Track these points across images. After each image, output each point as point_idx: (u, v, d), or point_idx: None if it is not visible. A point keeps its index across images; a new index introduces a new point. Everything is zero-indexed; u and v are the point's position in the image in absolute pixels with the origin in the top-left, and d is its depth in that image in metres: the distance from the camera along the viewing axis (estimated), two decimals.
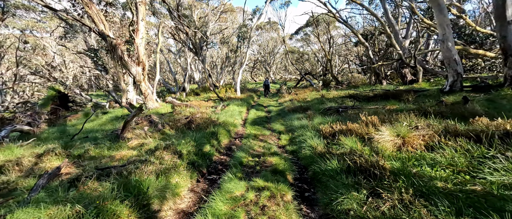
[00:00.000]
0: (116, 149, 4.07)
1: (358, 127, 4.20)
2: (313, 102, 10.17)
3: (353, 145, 3.69)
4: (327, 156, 3.52)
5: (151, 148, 3.84)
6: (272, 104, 13.00)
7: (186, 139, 4.48)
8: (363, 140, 3.91)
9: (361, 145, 3.67)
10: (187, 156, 3.70)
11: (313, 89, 15.78)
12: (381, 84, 13.87)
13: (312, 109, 8.57)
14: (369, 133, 4.01)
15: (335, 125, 4.82)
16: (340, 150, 3.70)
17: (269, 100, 15.81)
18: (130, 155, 3.63)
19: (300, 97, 12.56)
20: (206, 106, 10.34)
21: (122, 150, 3.97)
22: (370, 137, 3.79)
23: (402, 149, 3.25)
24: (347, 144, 3.75)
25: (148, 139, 4.48)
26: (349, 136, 4.09)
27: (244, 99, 13.40)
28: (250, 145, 5.12)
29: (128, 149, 4.04)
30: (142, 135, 4.83)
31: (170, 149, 3.61)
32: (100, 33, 7.16)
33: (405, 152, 3.12)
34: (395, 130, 3.57)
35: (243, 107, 10.89)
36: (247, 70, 52.76)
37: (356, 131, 4.16)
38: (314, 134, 4.98)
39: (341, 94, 10.99)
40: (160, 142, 4.30)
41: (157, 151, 3.59)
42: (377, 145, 3.47)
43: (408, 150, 3.16)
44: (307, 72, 23.69)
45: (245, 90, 19.46)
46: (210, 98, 14.65)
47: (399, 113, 5.56)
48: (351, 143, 3.74)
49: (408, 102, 7.89)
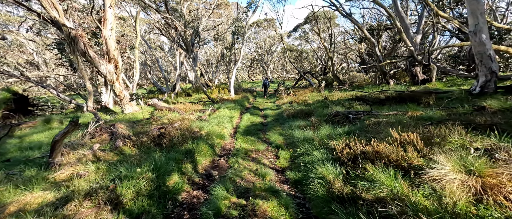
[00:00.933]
0: (33, 184, 2.71)
1: (391, 150, 2.89)
2: (316, 106, 8.87)
3: (390, 183, 2.38)
4: (352, 202, 2.22)
5: (81, 188, 2.48)
6: (269, 107, 11.67)
7: (145, 165, 3.13)
8: (403, 171, 2.60)
9: (404, 183, 2.36)
10: (132, 202, 2.35)
11: (313, 90, 14.50)
12: (388, 84, 12.62)
13: (315, 114, 7.26)
14: (410, 161, 2.71)
15: (352, 141, 3.52)
16: (371, 190, 2.39)
17: (266, 101, 14.49)
18: (40, 201, 2.28)
19: (300, 99, 11.24)
20: (193, 111, 8.96)
21: (38, 187, 2.61)
22: (415, 170, 2.48)
23: (483, 197, 1.94)
24: (381, 180, 2.44)
25: (89, 166, 3.11)
26: (379, 163, 2.78)
27: (238, 101, 12.05)
28: (238, 169, 3.79)
29: (50, 184, 2.68)
30: (88, 157, 3.47)
31: (101, 194, 2.26)
32: (53, 21, 5.76)
33: (492, 207, 1.81)
34: (459, 161, 2.27)
35: (236, 111, 9.54)
36: (243, 69, 51.43)
37: (388, 155, 2.85)
38: (324, 154, 3.66)
39: (346, 96, 9.70)
40: (104, 171, 2.94)
41: (84, 195, 2.22)
42: (434, 186, 2.16)
43: (497, 201, 1.85)
44: (306, 71, 22.41)
45: (240, 90, 18.10)
46: (202, 100, 13.27)
47: (431, 124, 4.28)
48: (387, 180, 2.42)
49: (430, 106, 6.63)
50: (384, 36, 18.97)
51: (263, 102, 14.10)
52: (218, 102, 12.03)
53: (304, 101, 10.63)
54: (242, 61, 50.90)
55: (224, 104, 10.84)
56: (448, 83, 10.71)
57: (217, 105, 10.09)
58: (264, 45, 43.60)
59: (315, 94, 12.37)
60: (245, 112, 10.24)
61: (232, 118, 8.14)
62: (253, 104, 13.26)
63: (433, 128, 3.78)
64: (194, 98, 14.28)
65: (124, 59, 11.80)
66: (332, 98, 9.74)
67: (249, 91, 18.52)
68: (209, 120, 7.29)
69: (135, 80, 8.98)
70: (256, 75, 50.58)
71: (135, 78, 8.99)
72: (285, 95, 13.60)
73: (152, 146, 4.11)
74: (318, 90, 13.74)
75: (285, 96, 13.50)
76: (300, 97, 11.86)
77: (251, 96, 16.50)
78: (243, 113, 9.83)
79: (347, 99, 9.04)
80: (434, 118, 4.94)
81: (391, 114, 5.77)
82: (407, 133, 3.15)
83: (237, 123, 8.04)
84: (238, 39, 14.31)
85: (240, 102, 12.00)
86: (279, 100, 13.23)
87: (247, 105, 12.59)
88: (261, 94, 19.47)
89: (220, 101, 12.32)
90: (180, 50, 17.11)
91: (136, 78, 9.00)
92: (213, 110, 9.13)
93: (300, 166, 3.66)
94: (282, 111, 9.29)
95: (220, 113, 8.72)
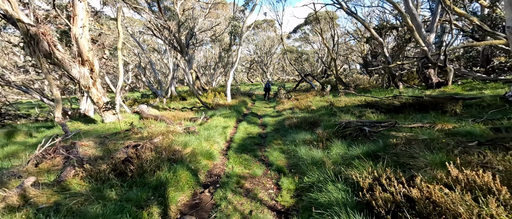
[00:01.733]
0: None
1: (457, 200, 1.87)
2: (321, 113, 7.85)
3: None
4: None
5: None
6: (268, 113, 10.65)
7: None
8: None
9: None
10: None
11: (316, 93, 13.49)
12: (397, 87, 11.62)
13: (321, 125, 6.23)
14: None
15: (382, 174, 2.51)
16: None
17: (265, 106, 13.48)
18: None
19: (303, 104, 10.23)
20: (183, 119, 7.93)
21: None
22: None
23: None
24: None
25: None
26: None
27: (235, 107, 11.03)
28: (226, 212, 2.76)
29: None
30: (10, 200, 2.44)
31: None
32: (5, 16, 4.80)
33: None
34: None
35: (231, 119, 8.51)
36: (243, 71, 50.56)
37: (454, 209, 1.83)
38: (344, 193, 2.64)
39: (354, 102, 8.68)
40: None
41: None
42: None
43: None
44: (307, 73, 21.44)
45: (238, 94, 17.09)
46: (196, 105, 12.27)
47: (480, 144, 3.26)
48: None
49: (458, 116, 5.62)
50: (389, 37, 18.02)
51: (262, 107, 13.08)
52: (213, 108, 11.01)
53: (307, 107, 9.62)
54: (241, 63, 50.03)
55: (219, 110, 9.82)
56: (466, 87, 9.71)
57: (211, 113, 9.08)
58: (263, 46, 42.73)
59: (319, 99, 11.36)
60: (242, 120, 9.22)
61: (226, 128, 7.11)
62: (252, 109, 12.24)
63: (491, 153, 2.76)
64: (188, 104, 13.26)
65: (108, 61, 10.79)
66: (338, 104, 8.73)
67: (248, 94, 17.53)
68: (199, 131, 6.26)
69: (118, 86, 7.95)
70: (256, 77, 49.60)
71: (119, 83, 7.97)
72: (286, 100, 12.60)
73: (111, 177, 3.08)
74: (321, 94, 12.74)
75: (286, 100, 12.49)
76: (302, 102, 10.85)
77: (250, 101, 15.49)
78: (239, 121, 8.81)
79: (356, 105, 8.03)
80: (475, 134, 3.92)
81: (416, 127, 4.75)
82: (473, 170, 2.12)
83: (232, 134, 7.01)
84: (236, 40, 13.33)
85: (237, 108, 10.98)
86: (279, 105, 12.21)
87: (245, 111, 11.57)
88: (260, 98, 18.48)
89: (215, 107, 11.31)
90: (174, 51, 16.14)
91: (120, 83, 7.97)
92: (205, 118, 8.11)
93: (310, 210, 2.62)
94: (283, 118, 8.27)
95: (213, 121, 7.70)
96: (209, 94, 14.06)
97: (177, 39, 15.00)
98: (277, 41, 45.34)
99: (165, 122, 7.24)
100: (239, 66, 50.35)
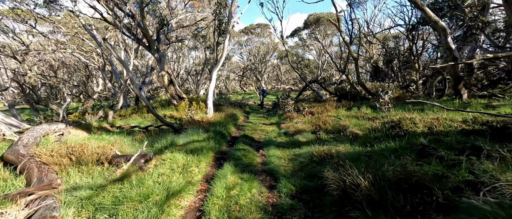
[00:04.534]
0: None
1: None
2: (387, 148, 3.74)
3: None
4: None
5: None
6: (272, 138, 6.39)
7: None
8: None
9: None
10: None
11: (335, 105, 9.42)
12: (460, 96, 7.77)
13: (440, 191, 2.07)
14: None
15: None
16: None
17: (263, 121, 9.29)
18: None
19: (328, 123, 6.11)
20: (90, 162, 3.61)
21: None
22: None
23: None
24: None
25: None
26: None
27: (217, 126, 6.76)
28: None
29: None
30: None
31: None
32: None
33: None
34: None
35: (204, 157, 4.20)
36: (235, 79, 46.63)
37: None
38: None
39: (438, 123, 4.61)
40: None
41: None
42: None
43: None
44: (313, 80, 17.55)
45: (225, 104, 12.84)
46: (167, 118, 7.95)
47: None
48: None
49: None
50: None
51: (259, 123, 8.88)
52: (182, 127, 6.70)
53: (339, 129, 5.49)
54: (233, 71, 46.05)
55: (187, 135, 5.54)
56: None
57: (164, 144, 4.72)
58: (257, 53, 39.11)
59: (349, 114, 7.28)
60: (225, 153, 4.95)
61: (180, 192, 2.82)
62: (245, 128, 7.99)
63: None
64: (151, 119, 8.86)
65: None
66: (407, 126, 4.61)
67: (239, 105, 13.30)
68: None
69: None
70: (249, 86, 45.57)
71: None
72: (295, 114, 8.45)
73: None
74: (348, 106, 8.70)
75: (296, 114, 8.35)
76: (325, 118, 6.74)
77: (241, 114, 11.25)
78: (219, 161, 4.51)
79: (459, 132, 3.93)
80: None
81: None
82: None
83: (191, 209, 2.72)
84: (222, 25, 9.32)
85: (220, 127, 6.69)
86: (286, 122, 8.04)
87: (233, 133, 7.30)
88: (255, 109, 14.32)
89: (188, 124, 7.01)
90: (136, 48, 11.88)
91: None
92: (143, 159, 3.81)
93: None
94: (308, 156, 4.10)
95: (159, 168, 3.43)
96: (181, 105, 9.71)
97: (142, 29, 10.82)
98: (272, 47, 42.01)
99: (32, 175, 2.92)
100: (231, 74, 46.32)
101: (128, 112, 11.98)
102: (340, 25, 11.18)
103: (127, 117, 10.47)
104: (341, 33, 11.17)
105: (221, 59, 8.56)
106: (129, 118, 10.13)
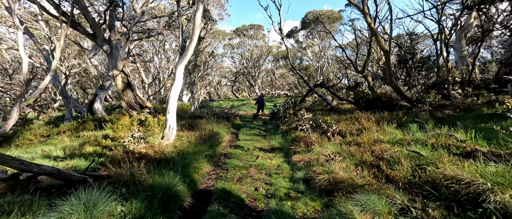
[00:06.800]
0: None
1: None
2: None
3: None
4: None
5: None
6: (278, 194, 2.90)
7: None
8: None
9: None
10: None
11: (367, 117, 6.07)
12: None
13: None
14: None
15: None
16: None
17: (261, 146, 5.82)
18: None
19: (401, 164, 2.75)
20: None
21: None
22: None
23: None
24: None
25: None
26: None
27: (165, 177, 3.27)
28: None
29: None
30: None
31: None
32: None
33: None
34: None
35: None
36: (227, 85, 43.06)
37: None
38: None
39: None
40: None
41: None
42: None
43: None
44: (318, 84, 14.30)
45: (207, 115, 9.29)
46: (92, 143, 4.38)
47: None
48: None
49: None
50: None
51: (254, 151, 5.41)
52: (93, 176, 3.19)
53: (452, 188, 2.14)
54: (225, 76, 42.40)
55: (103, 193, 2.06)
56: None
57: None
58: (250, 57, 35.86)
59: (412, 138, 3.94)
60: None
61: None
62: (227, 167, 4.46)
63: None
64: (83, 139, 5.24)
65: None
66: None
67: (226, 117, 9.72)
68: None
69: None
70: (242, 91, 41.96)
71: None
72: (313, 134, 5.04)
73: None
74: (390, 118, 5.36)
75: (315, 136, 4.95)
76: (378, 149, 3.41)
77: (227, 131, 7.67)
78: None
79: None
80: None
81: None
82: None
83: None
84: None
85: (170, 180, 3.21)
86: (299, 148, 4.62)
87: (202, 183, 3.77)
88: (248, 120, 10.86)
89: (115, 165, 3.50)
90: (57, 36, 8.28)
91: None
92: None
93: None
94: None
95: None
96: (124, 121, 6.08)
97: (82, 7, 7.29)
98: (266, 50, 38.94)
99: None
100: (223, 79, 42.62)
101: (65, 128, 8.22)
102: (365, 5, 7.99)
103: (52, 137, 6.74)
104: (366, 17, 7.99)
105: (191, 46, 5.13)
106: (49, 140, 6.41)
